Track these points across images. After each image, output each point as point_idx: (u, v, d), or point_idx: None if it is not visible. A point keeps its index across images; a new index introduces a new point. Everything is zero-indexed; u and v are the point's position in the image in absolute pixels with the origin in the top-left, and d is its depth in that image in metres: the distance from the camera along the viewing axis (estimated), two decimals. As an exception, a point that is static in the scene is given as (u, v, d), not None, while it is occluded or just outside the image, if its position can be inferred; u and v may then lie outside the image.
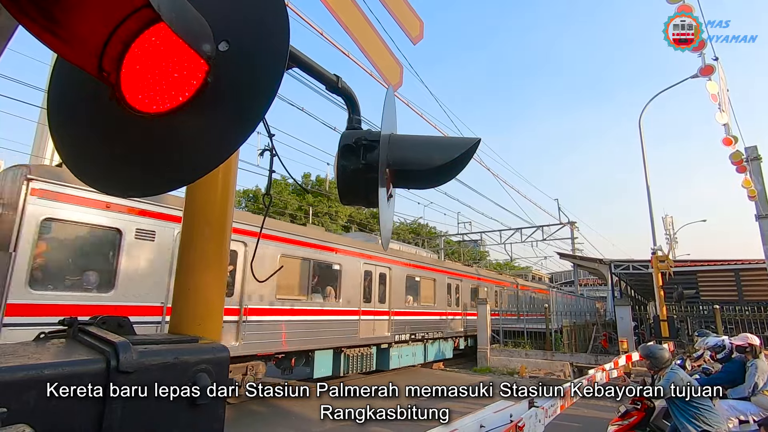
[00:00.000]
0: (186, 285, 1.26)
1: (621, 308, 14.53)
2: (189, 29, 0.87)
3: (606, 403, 9.79)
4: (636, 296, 29.93)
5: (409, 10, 2.60)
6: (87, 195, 6.64)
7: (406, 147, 1.60)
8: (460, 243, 40.30)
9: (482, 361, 15.50)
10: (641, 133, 16.16)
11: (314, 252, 10.80)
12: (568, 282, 47.46)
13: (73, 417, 0.78)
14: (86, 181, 1.02)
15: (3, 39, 1.75)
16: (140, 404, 0.87)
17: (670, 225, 38.02)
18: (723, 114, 13.73)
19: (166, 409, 0.91)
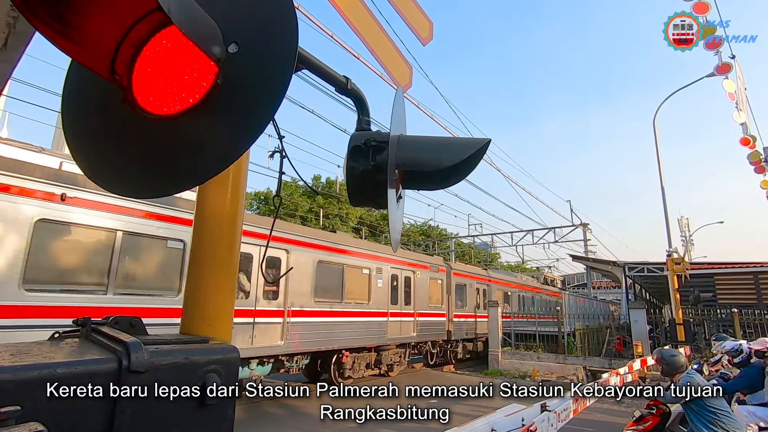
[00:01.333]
0: (196, 286, 1.26)
1: (635, 311, 14.25)
2: (199, 31, 0.88)
3: (620, 408, 9.63)
4: (651, 299, 29.40)
5: (418, 11, 2.60)
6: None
7: (415, 148, 1.60)
8: (470, 245, 40.05)
9: (493, 364, 15.36)
10: (656, 133, 15.93)
11: (347, 258, 11.34)
12: (581, 284, 46.80)
13: (85, 416, 0.79)
14: (100, 183, 1.03)
15: (21, 44, 1.79)
16: (150, 404, 0.87)
17: (686, 227, 37.32)
18: (741, 113, 13.45)
19: (176, 409, 0.92)
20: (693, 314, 16.32)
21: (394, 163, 1.54)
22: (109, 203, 6.63)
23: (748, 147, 14.41)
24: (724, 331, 12.97)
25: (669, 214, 15.53)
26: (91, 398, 0.80)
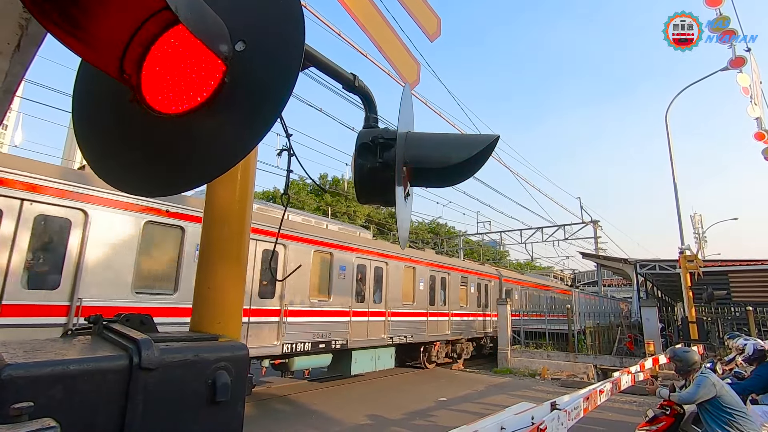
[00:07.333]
0: (206, 284, 1.27)
1: (647, 309, 14.05)
2: (206, 30, 0.88)
3: (632, 407, 9.52)
4: (663, 297, 28.99)
5: (426, 7, 2.58)
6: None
7: (423, 145, 1.59)
8: (479, 243, 39.86)
9: (503, 362, 15.28)
10: (668, 129, 15.66)
11: (449, 273, 15.27)
12: (591, 282, 46.30)
13: (97, 411, 0.80)
14: (110, 182, 1.04)
15: (33, 45, 1.81)
16: (161, 400, 0.88)
17: (698, 224, 36.74)
18: (755, 107, 13.18)
19: (186, 405, 0.92)
20: (706, 312, 16.06)
21: (402, 161, 1.54)
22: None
23: (763, 142, 14.12)
24: (739, 329, 12.75)
25: (681, 211, 15.27)
26: (102, 395, 0.80)
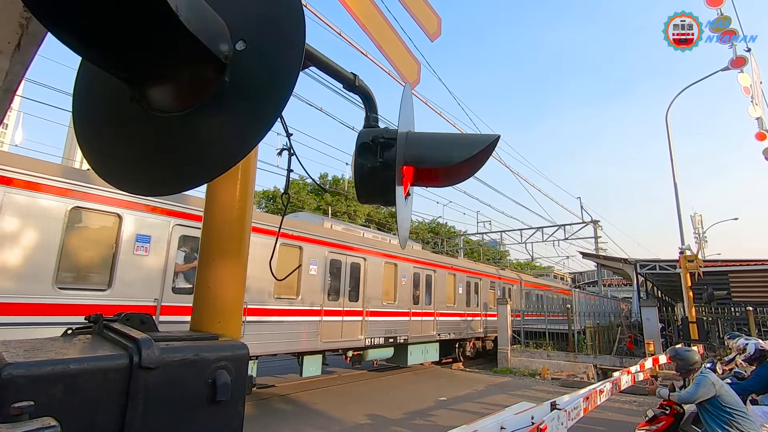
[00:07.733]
0: (206, 283, 1.27)
1: (647, 309, 14.04)
2: (206, 29, 0.88)
3: (632, 407, 9.52)
4: (663, 297, 28.96)
5: (426, 7, 2.58)
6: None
7: (423, 145, 1.59)
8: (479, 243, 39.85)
9: (503, 362, 15.28)
10: (668, 129, 15.65)
11: (481, 278, 17.33)
12: (591, 282, 46.29)
13: (97, 411, 0.80)
14: (110, 181, 1.04)
15: (34, 45, 1.81)
16: (161, 399, 0.88)
17: (699, 224, 36.73)
18: (756, 107, 13.16)
19: (186, 405, 0.92)
20: (706, 312, 16.05)
21: (402, 160, 1.54)
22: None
23: (764, 142, 14.09)
24: (739, 329, 12.74)
25: (682, 211, 15.25)
26: (103, 394, 0.80)
